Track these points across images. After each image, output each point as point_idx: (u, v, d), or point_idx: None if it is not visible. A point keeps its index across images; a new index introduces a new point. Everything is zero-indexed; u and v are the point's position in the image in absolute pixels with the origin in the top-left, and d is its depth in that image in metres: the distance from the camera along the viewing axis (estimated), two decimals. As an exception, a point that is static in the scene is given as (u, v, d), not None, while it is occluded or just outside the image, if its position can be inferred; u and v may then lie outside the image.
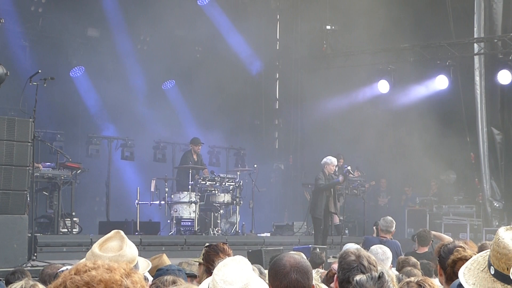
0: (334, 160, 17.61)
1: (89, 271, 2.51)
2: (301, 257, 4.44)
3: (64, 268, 6.37)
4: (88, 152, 20.32)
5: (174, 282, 5.46)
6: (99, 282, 2.47)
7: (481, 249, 7.38)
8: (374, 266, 4.80)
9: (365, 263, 4.70)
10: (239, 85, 25.13)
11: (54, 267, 6.92)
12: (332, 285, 5.73)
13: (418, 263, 8.72)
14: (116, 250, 4.62)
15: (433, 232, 12.61)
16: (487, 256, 2.99)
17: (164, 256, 7.74)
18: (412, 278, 4.78)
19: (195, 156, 19.89)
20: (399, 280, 6.01)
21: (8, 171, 12.77)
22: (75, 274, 2.51)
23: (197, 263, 7.41)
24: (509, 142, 22.12)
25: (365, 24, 24.46)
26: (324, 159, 17.60)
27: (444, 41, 22.25)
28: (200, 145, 20.14)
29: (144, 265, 5.29)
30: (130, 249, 4.73)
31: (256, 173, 21.60)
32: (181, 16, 23.48)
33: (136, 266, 4.83)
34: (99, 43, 22.01)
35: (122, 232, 4.84)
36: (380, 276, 4.40)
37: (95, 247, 4.66)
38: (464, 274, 3.03)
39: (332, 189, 17.56)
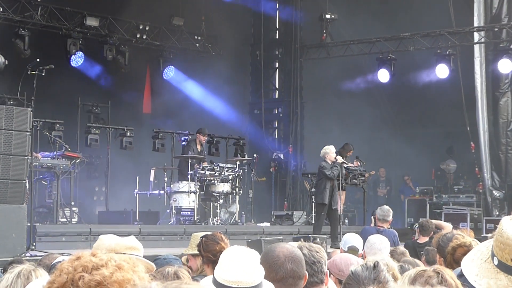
0: (332, 148, 17.37)
1: (99, 268, 2.43)
2: (292, 247, 4.41)
3: (59, 259, 6.27)
4: (87, 142, 20.27)
5: (176, 274, 5.38)
6: (113, 283, 2.40)
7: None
8: (317, 252, 4.74)
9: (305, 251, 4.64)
10: (239, 74, 25.10)
11: (52, 257, 6.85)
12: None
13: (407, 251, 8.74)
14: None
15: (433, 221, 12.59)
16: (491, 246, 2.93)
17: None
18: (426, 267, 4.67)
19: (199, 147, 19.75)
20: (403, 269, 5.95)
21: (6, 161, 12.72)
22: (83, 271, 2.43)
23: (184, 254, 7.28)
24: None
25: (365, 13, 24.39)
26: (323, 149, 17.39)
27: (444, 30, 22.19)
28: (206, 136, 20.02)
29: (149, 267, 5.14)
30: (130, 239, 4.66)
31: (256, 163, 21.55)
32: (180, 4, 23.42)
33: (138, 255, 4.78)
34: (98, 32, 21.93)
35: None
36: (376, 265, 4.36)
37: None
38: (467, 265, 2.98)
39: (334, 181, 17.18)
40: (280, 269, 4.19)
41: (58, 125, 18.91)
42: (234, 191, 19.47)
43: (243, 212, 20.56)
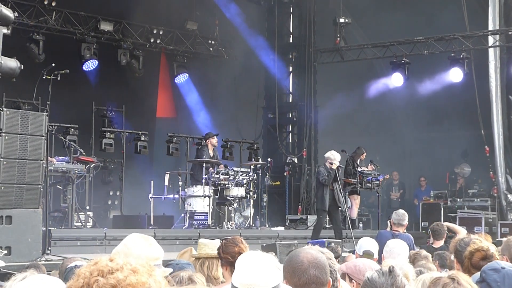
0: (337, 156, 17.12)
1: (114, 272, 2.46)
2: (317, 252, 4.37)
3: (73, 264, 6.31)
4: (101, 146, 20.33)
5: (190, 278, 5.39)
6: (127, 286, 2.43)
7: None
8: (330, 259, 4.72)
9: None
10: (253, 78, 25.11)
11: (74, 260, 6.89)
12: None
13: (430, 255, 8.67)
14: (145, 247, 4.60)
15: (446, 224, 12.49)
16: None
17: (192, 250, 7.60)
18: (442, 274, 4.63)
19: (211, 152, 19.71)
20: (419, 274, 5.93)
21: (22, 165, 12.76)
22: (99, 275, 2.46)
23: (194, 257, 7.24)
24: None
25: (378, 17, 24.37)
26: (327, 153, 17.24)
27: (459, 33, 22.14)
28: (215, 137, 19.95)
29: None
30: (156, 247, 4.69)
31: (270, 167, 21.54)
32: (194, 10, 23.48)
33: (159, 266, 4.79)
34: (112, 37, 22.01)
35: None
36: (391, 271, 4.35)
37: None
38: None
39: (334, 184, 17.02)
40: (303, 274, 4.16)
41: (72, 130, 18.98)
42: (248, 195, 19.47)
43: (257, 216, 20.55)
